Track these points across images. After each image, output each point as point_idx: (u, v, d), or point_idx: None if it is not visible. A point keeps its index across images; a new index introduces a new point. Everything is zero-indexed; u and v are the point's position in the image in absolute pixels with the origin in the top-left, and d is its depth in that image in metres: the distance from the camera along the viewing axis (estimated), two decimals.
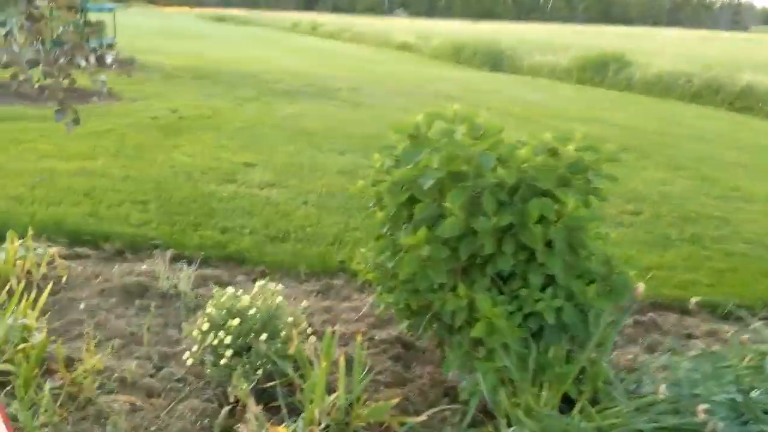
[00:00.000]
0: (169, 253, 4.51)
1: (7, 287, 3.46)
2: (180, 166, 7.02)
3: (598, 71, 21.28)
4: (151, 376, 3.17)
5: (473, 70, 23.66)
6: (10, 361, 2.84)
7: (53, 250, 4.18)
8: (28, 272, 3.97)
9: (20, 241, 4.01)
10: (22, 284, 3.22)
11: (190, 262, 4.48)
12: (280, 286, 3.33)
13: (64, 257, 4.43)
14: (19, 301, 3.12)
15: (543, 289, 2.67)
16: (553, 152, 2.73)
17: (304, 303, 3.65)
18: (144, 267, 4.30)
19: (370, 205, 2.79)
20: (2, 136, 7.70)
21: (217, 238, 4.91)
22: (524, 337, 2.69)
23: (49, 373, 3.01)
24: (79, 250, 4.60)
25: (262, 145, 8.42)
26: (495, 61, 24.50)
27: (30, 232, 4.09)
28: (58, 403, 2.79)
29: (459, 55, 26.20)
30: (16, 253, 3.89)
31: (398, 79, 17.70)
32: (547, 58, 23.28)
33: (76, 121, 2.92)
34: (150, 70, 15.12)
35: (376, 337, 3.66)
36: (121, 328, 3.57)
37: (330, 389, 2.97)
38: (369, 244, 3.31)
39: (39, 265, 4.01)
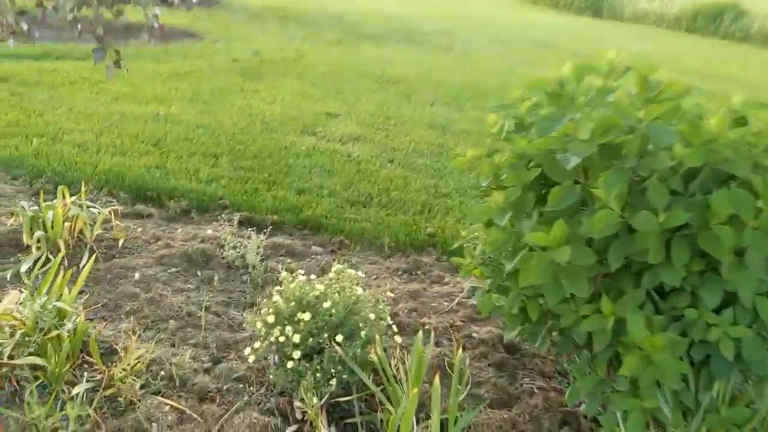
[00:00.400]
0: (237, 217, 3.99)
1: (43, 257, 3.00)
2: (258, 114, 6.49)
3: (711, 21, 19.42)
4: (207, 371, 2.66)
5: (572, 16, 22.07)
6: (38, 352, 2.37)
7: (109, 209, 3.72)
8: (80, 234, 3.53)
9: (73, 198, 3.56)
10: (61, 255, 2.75)
11: (260, 228, 3.95)
12: (360, 273, 2.72)
13: (124, 216, 3.98)
14: (56, 275, 2.65)
15: (717, 309, 1.95)
16: (743, 123, 1.97)
17: (389, 292, 3.03)
18: (209, 231, 3.79)
19: (483, 183, 2.13)
20: (77, 76, 7.37)
21: (291, 200, 4.35)
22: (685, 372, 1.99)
23: (88, 365, 2.55)
24: (140, 207, 4.14)
25: (345, 93, 7.79)
26: (596, 7, 22.81)
27: (83, 188, 3.64)
28: (93, 406, 2.31)
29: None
30: (67, 211, 3.44)
31: (493, 24, 16.57)
32: (653, 6, 21.44)
33: (118, 64, 2.36)
34: (235, 10, 14.63)
35: (474, 335, 3.03)
36: (178, 307, 3.08)
37: (420, 407, 2.38)
38: (473, 227, 2.65)
39: (93, 225, 3.56)
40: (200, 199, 4.27)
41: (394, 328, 2.66)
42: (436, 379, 2.13)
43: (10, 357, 2.31)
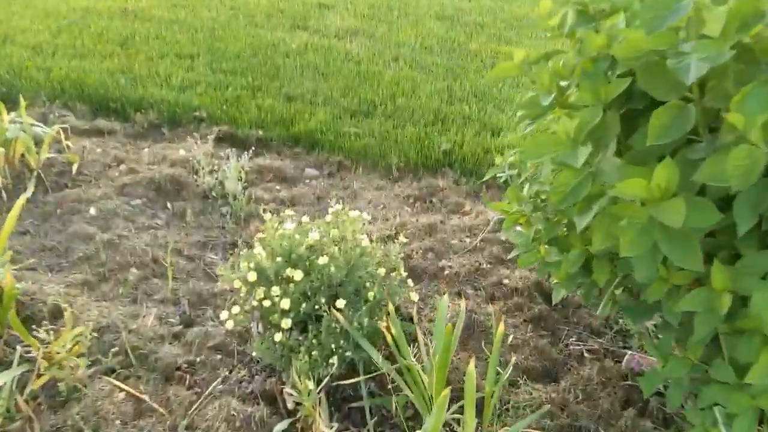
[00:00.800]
0: (215, 132, 3.35)
1: None
2: (241, 7, 5.69)
3: None
4: (176, 337, 2.12)
5: None
6: None
7: (58, 128, 3.06)
8: (23, 159, 2.91)
9: (11, 115, 2.91)
10: None
11: (243, 146, 3.32)
12: (365, 214, 2.13)
13: (82, 133, 3.35)
14: None
15: None
16: None
17: (402, 237, 2.44)
18: (182, 152, 3.15)
19: (545, 99, 1.48)
20: None
21: (280, 111, 3.68)
22: None
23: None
24: (101, 122, 3.49)
25: None
26: None
27: (23, 102, 2.97)
28: (24, 396, 1.78)
29: None
30: (3, 133, 2.80)
31: None
32: None
33: None
34: None
35: (505, 282, 2.47)
36: (142, 250, 2.50)
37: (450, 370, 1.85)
38: (511, 151, 2.03)
39: (38, 148, 2.93)
40: (172, 111, 3.61)
41: (410, 282, 2.10)
42: (471, 367, 1.58)
43: None
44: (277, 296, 1.88)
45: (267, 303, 1.89)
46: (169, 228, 2.69)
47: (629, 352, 2.12)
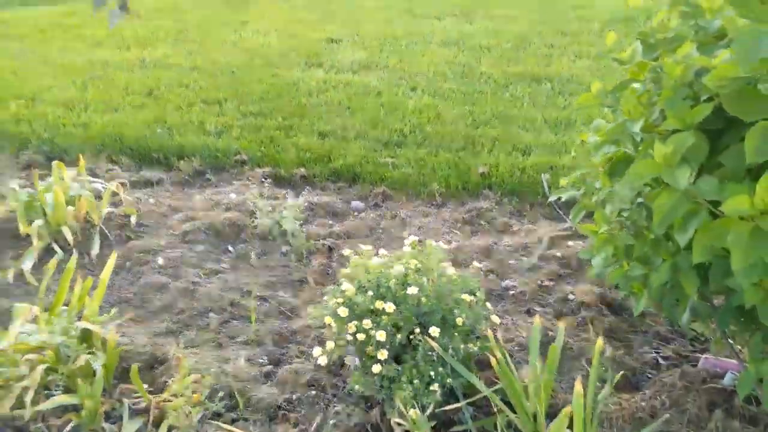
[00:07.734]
0: (260, 174, 3.46)
1: (35, 250, 2.45)
2: (254, 48, 5.82)
3: None
4: (267, 377, 2.20)
5: None
6: (67, 387, 1.90)
7: (116, 182, 3.17)
8: (86, 216, 2.99)
9: (71, 172, 3.01)
10: (74, 258, 2.21)
11: (290, 183, 3.43)
12: (441, 244, 2.23)
13: (131, 185, 3.44)
14: (72, 285, 2.14)
15: None
16: None
17: (475, 263, 2.55)
18: (233, 196, 3.26)
19: (634, 125, 1.59)
20: (45, 21, 6.62)
21: (316, 148, 3.79)
22: None
23: (127, 392, 2.07)
24: (147, 173, 3.59)
25: (342, 14, 7.07)
26: None
27: (82, 160, 3.07)
28: None
29: None
30: (67, 191, 2.89)
31: None
32: None
33: (124, 8, 1.79)
34: None
35: (571, 297, 2.57)
36: (217, 295, 2.59)
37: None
38: (578, 172, 2.13)
39: (99, 202, 3.02)
40: (213, 156, 3.71)
41: (488, 305, 2.19)
42: (578, 385, 1.68)
43: (34, 401, 1.82)
44: (371, 329, 1.97)
45: (361, 336, 1.98)
46: (235, 271, 2.78)
47: (703, 356, 2.22)
